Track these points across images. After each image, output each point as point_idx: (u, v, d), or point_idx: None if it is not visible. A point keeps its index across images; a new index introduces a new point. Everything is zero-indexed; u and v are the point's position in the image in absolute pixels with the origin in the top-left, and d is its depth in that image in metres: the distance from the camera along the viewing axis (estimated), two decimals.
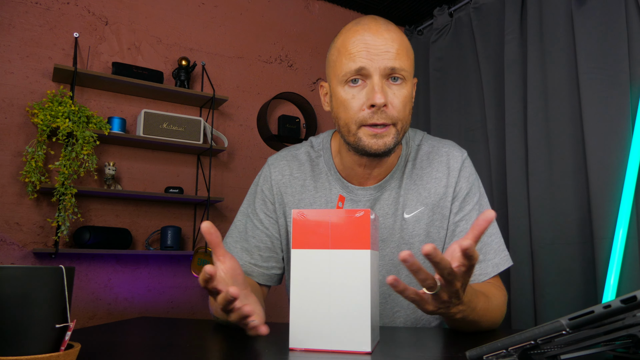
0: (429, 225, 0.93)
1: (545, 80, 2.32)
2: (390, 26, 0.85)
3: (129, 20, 2.51)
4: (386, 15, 3.33)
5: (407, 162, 0.96)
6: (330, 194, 0.95)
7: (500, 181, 2.52)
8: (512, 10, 2.50)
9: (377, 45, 0.81)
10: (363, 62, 0.81)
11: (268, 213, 0.98)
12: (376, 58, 0.81)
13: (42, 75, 2.26)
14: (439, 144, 0.99)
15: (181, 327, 0.90)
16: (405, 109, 0.84)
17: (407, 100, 0.84)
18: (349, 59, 0.83)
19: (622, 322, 0.45)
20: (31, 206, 2.18)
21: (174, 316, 2.47)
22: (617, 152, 1.98)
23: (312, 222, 0.65)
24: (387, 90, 0.82)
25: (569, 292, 2.10)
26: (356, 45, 0.82)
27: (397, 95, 0.83)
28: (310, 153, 1.00)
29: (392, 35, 0.83)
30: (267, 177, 0.99)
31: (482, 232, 0.59)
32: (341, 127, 0.87)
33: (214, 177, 2.66)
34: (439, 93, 3.00)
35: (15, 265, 0.56)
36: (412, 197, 0.94)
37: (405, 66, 0.83)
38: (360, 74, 0.82)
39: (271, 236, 0.97)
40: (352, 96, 0.83)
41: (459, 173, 0.95)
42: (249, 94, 2.83)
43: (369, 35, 0.82)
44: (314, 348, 0.64)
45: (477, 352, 0.50)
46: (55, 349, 0.49)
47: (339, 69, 0.85)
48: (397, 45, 0.82)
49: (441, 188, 0.94)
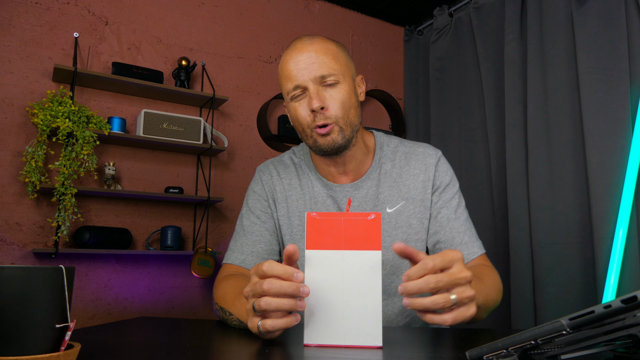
0: (410, 217, 1.03)
1: (545, 80, 2.32)
2: (314, 39, 0.97)
3: (129, 20, 2.51)
4: (386, 15, 3.33)
5: (382, 164, 1.06)
6: (313, 191, 1.06)
7: (500, 181, 2.52)
8: (512, 10, 2.50)
9: (303, 60, 0.94)
10: (296, 80, 0.94)
11: (263, 209, 1.07)
12: (304, 72, 0.93)
13: (42, 75, 2.26)
14: (414, 145, 1.10)
15: (181, 327, 0.90)
16: (344, 106, 0.95)
17: (345, 99, 0.95)
18: (286, 80, 0.96)
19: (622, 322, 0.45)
20: (31, 206, 2.18)
21: (174, 316, 2.47)
22: (617, 152, 1.98)
23: (325, 224, 0.69)
24: (324, 94, 0.94)
25: (569, 292, 2.10)
26: (289, 67, 0.95)
27: (333, 97, 0.94)
28: (293, 158, 1.12)
29: (315, 47, 0.95)
30: (258, 180, 1.11)
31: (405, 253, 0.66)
32: (300, 133, 0.99)
33: (214, 177, 2.66)
34: (439, 93, 3.00)
35: (15, 265, 0.56)
36: (393, 193, 1.04)
37: (333, 70, 0.94)
38: (298, 89, 0.95)
39: (269, 229, 1.06)
40: (299, 106, 0.96)
41: (436, 167, 1.05)
42: (249, 94, 2.83)
43: (296, 54, 0.95)
44: (327, 344, 0.67)
45: (478, 352, 0.50)
46: (56, 349, 0.49)
47: (283, 90, 0.99)
48: (322, 54, 0.94)
49: (419, 183, 1.04)
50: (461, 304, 0.62)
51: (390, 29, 3.42)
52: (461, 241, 1.00)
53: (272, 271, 0.63)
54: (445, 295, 0.61)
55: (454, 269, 0.62)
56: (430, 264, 0.61)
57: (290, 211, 1.06)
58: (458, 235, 1.00)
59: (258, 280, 0.64)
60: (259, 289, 0.63)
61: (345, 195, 1.04)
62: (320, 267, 0.67)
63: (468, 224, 1.03)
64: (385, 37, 3.37)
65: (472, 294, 0.62)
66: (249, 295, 0.66)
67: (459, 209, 1.04)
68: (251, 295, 0.65)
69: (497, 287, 0.92)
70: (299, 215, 1.05)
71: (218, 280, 0.98)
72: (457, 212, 1.03)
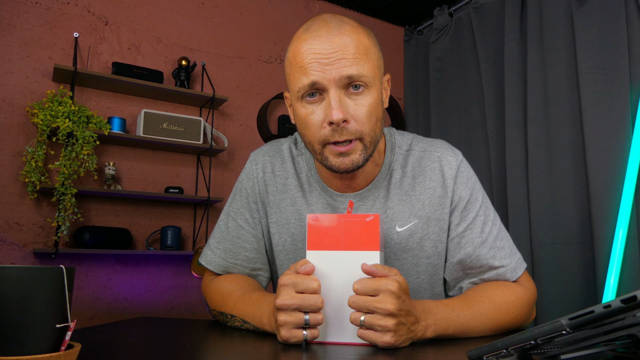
0: (423, 239, 0.86)
1: (545, 80, 2.32)
2: (343, 27, 0.75)
3: (129, 20, 2.51)
4: (386, 16, 3.32)
5: (392, 171, 0.88)
6: (312, 196, 0.89)
7: (500, 181, 2.52)
8: (512, 10, 2.50)
9: (328, 53, 0.72)
10: (315, 76, 0.73)
11: (252, 213, 0.93)
12: (329, 69, 0.72)
13: (42, 75, 2.26)
14: (430, 147, 0.90)
15: (181, 327, 0.90)
16: (371, 119, 0.76)
17: (372, 110, 0.75)
18: (301, 73, 0.75)
19: (622, 322, 0.45)
20: (31, 206, 2.18)
21: (174, 316, 2.47)
22: (617, 152, 1.98)
23: (326, 226, 0.71)
24: (347, 102, 0.74)
25: (569, 292, 2.10)
26: (306, 57, 0.74)
27: (359, 106, 0.74)
28: (292, 150, 0.94)
29: (346, 39, 0.73)
30: (250, 175, 0.94)
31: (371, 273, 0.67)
32: (306, 144, 0.81)
33: (214, 177, 2.66)
34: (439, 93, 3.00)
35: (15, 265, 0.56)
36: (404, 209, 0.86)
37: (365, 71, 0.74)
38: (315, 88, 0.74)
39: (256, 236, 0.92)
40: (311, 111, 0.76)
41: (455, 180, 0.87)
42: (249, 94, 2.83)
43: (319, 43, 0.73)
44: (328, 341, 0.69)
45: (477, 352, 0.50)
46: (56, 349, 0.49)
47: (293, 84, 0.78)
48: (353, 49, 0.73)
49: (436, 199, 0.86)
50: (371, 328, 0.65)
51: (390, 29, 3.42)
52: (490, 268, 0.84)
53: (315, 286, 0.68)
54: (357, 314, 0.65)
55: (377, 298, 0.64)
56: (355, 286, 0.66)
57: (283, 218, 0.90)
58: (487, 263, 0.84)
59: (312, 296, 0.66)
60: (314, 305, 0.66)
61: (346, 206, 0.87)
62: (321, 267, 0.70)
63: (499, 243, 0.85)
64: (385, 37, 3.37)
65: (386, 324, 0.63)
66: (295, 309, 0.66)
67: (485, 228, 0.85)
68: (298, 310, 0.67)
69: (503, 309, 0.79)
70: (294, 222, 0.89)
71: (206, 285, 0.93)
72: (483, 233, 0.85)
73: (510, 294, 0.81)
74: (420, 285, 0.89)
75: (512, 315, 0.79)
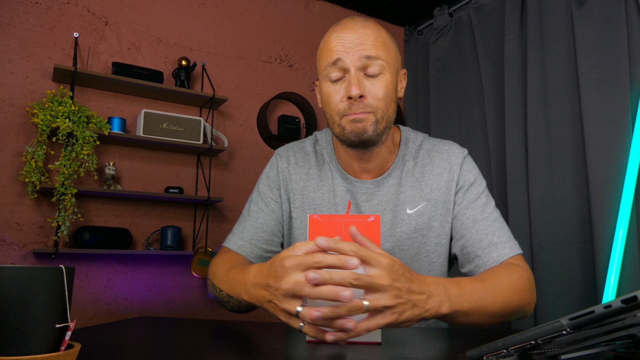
0: (432, 220, 0.96)
1: (545, 80, 2.32)
2: (367, 22, 0.90)
3: (129, 20, 2.51)
4: (386, 16, 3.33)
5: (405, 162, 1.00)
6: (333, 183, 1.00)
7: (500, 181, 2.52)
8: (512, 10, 2.50)
9: (352, 39, 0.87)
10: (339, 54, 0.87)
11: (274, 197, 1.03)
12: (351, 50, 0.86)
13: (42, 75, 2.26)
14: (439, 143, 1.03)
15: (181, 327, 0.90)
16: (386, 98, 0.88)
17: (388, 90, 0.88)
18: (327, 55, 0.89)
19: (622, 322, 0.45)
20: (31, 206, 2.18)
21: (174, 316, 2.47)
22: (617, 152, 1.98)
23: (327, 225, 0.72)
24: (365, 82, 0.87)
25: (569, 292, 2.10)
26: (333, 42, 0.88)
27: (375, 86, 0.87)
28: (314, 145, 1.06)
29: (367, 30, 0.88)
30: (274, 165, 1.06)
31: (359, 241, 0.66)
32: (328, 119, 0.93)
33: (214, 177, 2.66)
34: (439, 93, 3.00)
35: (15, 265, 0.56)
36: (414, 193, 0.97)
37: (381, 55, 0.87)
38: (338, 68, 0.87)
39: (276, 220, 1.01)
40: (333, 90, 0.89)
41: (461, 167, 0.98)
42: (249, 94, 2.83)
43: (345, 32, 0.88)
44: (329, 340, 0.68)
45: (478, 352, 0.50)
46: (56, 349, 0.49)
47: (320, 66, 0.92)
48: (373, 38, 0.87)
49: (443, 183, 0.97)
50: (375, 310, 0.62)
51: (390, 29, 3.41)
52: (489, 243, 0.90)
53: None
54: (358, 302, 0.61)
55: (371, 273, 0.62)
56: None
57: (306, 203, 1.00)
58: (486, 237, 0.91)
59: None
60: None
61: (364, 192, 0.98)
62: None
63: (498, 224, 0.93)
64: None
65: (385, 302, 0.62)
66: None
67: (486, 209, 0.95)
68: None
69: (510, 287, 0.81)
70: (315, 208, 0.99)
71: (214, 259, 0.99)
72: (484, 212, 0.94)
73: (516, 275, 0.85)
74: (430, 265, 0.97)
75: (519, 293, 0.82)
